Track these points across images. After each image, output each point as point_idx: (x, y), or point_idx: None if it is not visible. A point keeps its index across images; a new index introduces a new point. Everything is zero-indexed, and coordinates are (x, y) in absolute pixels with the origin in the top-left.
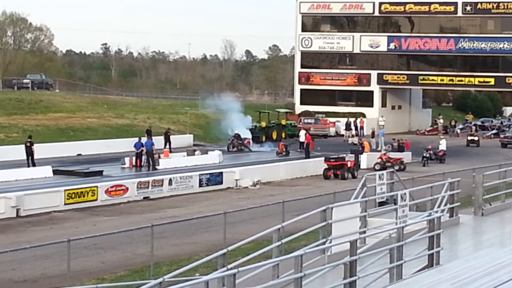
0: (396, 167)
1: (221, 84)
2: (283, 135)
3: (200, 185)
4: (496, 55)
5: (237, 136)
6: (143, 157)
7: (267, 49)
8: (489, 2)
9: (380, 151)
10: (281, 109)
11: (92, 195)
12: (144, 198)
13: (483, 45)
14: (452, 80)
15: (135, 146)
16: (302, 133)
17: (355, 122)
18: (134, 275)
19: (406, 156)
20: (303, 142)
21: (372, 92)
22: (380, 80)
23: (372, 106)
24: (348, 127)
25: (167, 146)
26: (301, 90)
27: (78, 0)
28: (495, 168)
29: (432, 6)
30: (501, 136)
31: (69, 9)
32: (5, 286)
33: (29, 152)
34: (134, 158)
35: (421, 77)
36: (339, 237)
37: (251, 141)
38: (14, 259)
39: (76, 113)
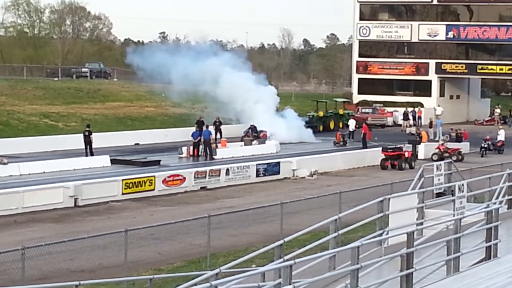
0: (454, 158)
1: (279, 73)
2: (341, 125)
3: (257, 175)
4: None
5: (253, 128)
6: (201, 147)
7: (325, 38)
8: None
9: (437, 141)
10: (338, 99)
11: (149, 185)
12: (201, 188)
13: None
14: (511, 69)
15: (192, 135)
16: (352, 122)
17: (413, 112)
18: (190, 265)
19: (464, 147)
20: (353, 132)
21: (430, 81)
22: (438, 69)
23: (430, 95)
24: (405, 117)
25: (218, 136)
26: (359, 79)
27: None
28: None
29: None
30: None
31: None
32: (63, 276)
33: (88, 141)
34: (191, 147)
35: (479, 66)
36: (396, 228)
37: (267, 134)
38: (72, 249)
39: (134, 102)
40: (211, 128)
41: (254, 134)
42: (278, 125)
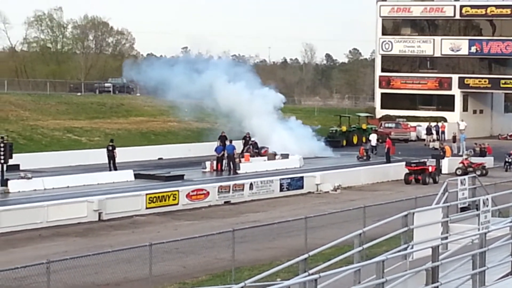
0: (478, 172)
1: (302, 88)
2: (364, 140)
3: (281, 190)
4: None
5: (254, 144)
6: (224, 161)
7: (347, 53)
8: None
9: (461, 156)
10: (361, 113)
11: (173, 199)
12: (225, 202)
13: None
14: None
15: (216, 150)
16: (373, 137)
17: (436, 126)
18: (215, 279)
19: (488, 161)
20: (375, 146)
21: (453, 96)
22: (462, 84)
23: (453, 110)
24: (429, 131)
25: (246, 151)
26: (382, 94)
27: (158, 4)
28: None
29: None
30: None
31: (149, 13)
32: None
33: (111, 156)
34: (215, 162)
35: (503, 81)
36: (420, 242)
37: (269, 150)
38: (97, 262)
39: (157, 117)
40: (236, 143)
41: (255, 151)
42: (288, 140)
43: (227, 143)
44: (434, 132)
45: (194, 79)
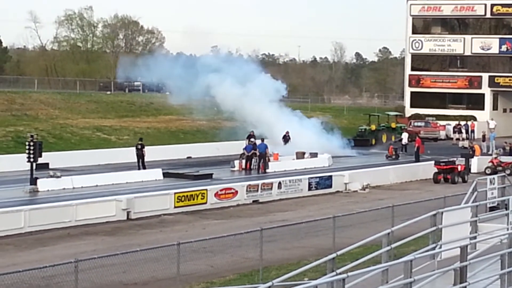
0: (508, 171)
1: (331, 86)
2: (393, 138)
3: (310, 189)
4: None
5: (254, 145)
6: (253, 160)
7: (377, 52)
8: None
9: (491, 155)
10: (391, 112)
11: (201, 198)
12: (253, 201)
13: None
14: None
15: (245, 149)
16: (405, 135)
17: (465, 125)
18: (243, 278)
19: None
20: (406, 145)
21: (483, 95)
22: (492, 82)
23: (483, 109)
24: (455, 130)
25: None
26: (411, 92)
27: (188, 3)
28: None
29: None
30: None
31: (179, 12)
32: None
33: (140, 155)
34: (243, 161)
35: None
36: (449, 242)
37: (269, 151)
38: (125, 261)
39: (186, 116)
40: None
41: (254, 152)
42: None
43: (258, 141)
44: (463, 131)
45: (192, 78)
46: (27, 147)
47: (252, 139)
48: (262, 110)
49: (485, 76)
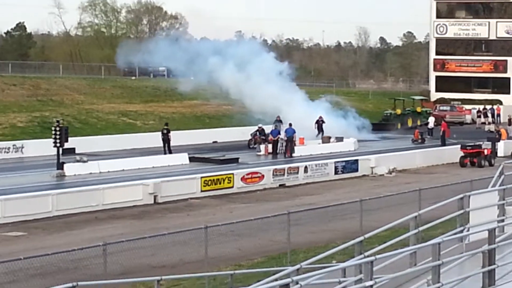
0: None
1: (356, 71)
2: (419, 123)
3: (336, 173)
4: None
5: (261, 131)
6: (279, 144)
7: (402, 36)
8: None
9: None
10: (416, 96)
11: (228, 182)
12: (279, 185)
13: None
14: None
15: (271, 133)
16: (431, 119)
17: (491, 109)
18: (271, 261)
19: None
20: (432, 129)
21: (508, 79)
22: None
23: (508, 93)
24: (479, 114)
25: (320, 135)
26: (436, 77)
27: None
28: None
29: None
30: None
31: None
32: (145, 271)
33: (166, 139)
34: (270, 145)
35: None
36: (476, 225)
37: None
38: (153, 245)
39: (211, 100)
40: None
41: (262, 137)
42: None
43: (286, 126)
44: (489, 115)
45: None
46: (53, 132)
47: (277, 124)
48: (266, 92)
49: (510, 60)
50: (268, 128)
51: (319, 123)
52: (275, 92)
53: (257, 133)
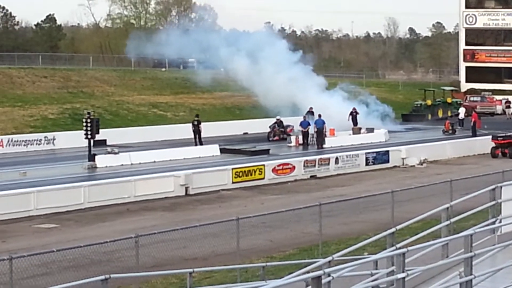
0: None
1: (385, 62)
2: (449, 113)
3: (367, 164)
4: None
5: (279, 123)
6: (309, 136)
7: (431, 27)
8: None
9: None
10: (446, 87)
11: (259, 174)
12: (310, 176)
13: None
14: None
15: (301, 124)
16: (462, 110)
17: None
18: (302, 253)
19: None
20: (463, 120)
21: None
22: None
23: None
24: (508, 104)
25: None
26: (466, 67)
27: None
28: None
29: None
30: None
31: None
32: (176, 263)
33: (197, 131)
34: (300, 136)
35: None
36: (509, 216)
37: (294, 129)
38: (184, 237)
39: (241, 92)
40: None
41: (280, 129)
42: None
43: (317, 117)
44: None
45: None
46: (84, 124)
47: (308, 115)
48: (279, 83)
49: None
50: (287, 120)
51: (353, 115)
52: (288, 82)
53: (276, 125)
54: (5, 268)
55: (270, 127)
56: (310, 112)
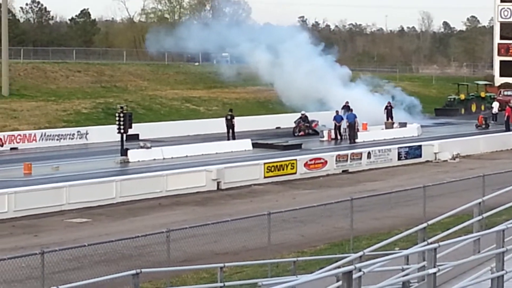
0: None
1: (419, 56)
2: (482, 108)
3: (399, 158)
4: None
5: (304, 118)
6: (342, 130)
7: (465, 21)
8: None
9: None
10: (480, 81)
11: (291, 168)
12: (342, 171)
13: None
14: None
15: (335, 119)
16: (495, 104)
17: None
18: (334, 248)
19: None
20: (496, 114)
21: None
22: None
23: None
24: None
25: (389, 120)
26: (501, 61)
27: None
28: None
29: None
30: None
31: None
32: (208, 258)
33: (230, 125)
34: (332, 131)
35: None
36: None
37: (319, 124)
38: (216, 231)
39: (274, 86)
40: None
41: (306, 125)
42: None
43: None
44: None
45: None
46: (117, 118)
47: (344, 109)
48: (301, 76)
49: None
50: (312, 116)
51: (388, 109)
52: (308, 75)
53: (300, 120)
54: (37, 262)
55: (295, 122)
56: (346, 107)
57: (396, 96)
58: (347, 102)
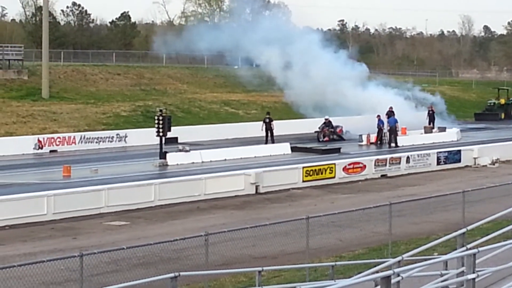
0: None
1: (459, 60)
2: None
3: (438, 163)
4: None
5: (328, 123)
6: (382, 134)
7: (506, 24)
8: None
9: None
10: None
11: (330, 173)
12: (381, 176)
13: None
14: None
15: (383, 123)
16: None
17: None
18: (372, 253)
19: None
20: None
21: None
22: None
23: None
24: None
25: (431, 124)
26: None
27: None
28: None
29: None
30: None
31: None
32: (246, 262)
33: (269, 129)
34: (372, 135)
35: None
36: None
37: (343, 129)
38: (254, 235)
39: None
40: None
41: (330, 130)
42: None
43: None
44: None
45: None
46: (156, 121)
47: (389, 114)
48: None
49: None
50: (335, 121)
51: (430, 113)
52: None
53: (324, 125)
54: (75, 265)
55: (319, 128)
56: (391, 112)
57: (418, 98)
58: (391, 107)
